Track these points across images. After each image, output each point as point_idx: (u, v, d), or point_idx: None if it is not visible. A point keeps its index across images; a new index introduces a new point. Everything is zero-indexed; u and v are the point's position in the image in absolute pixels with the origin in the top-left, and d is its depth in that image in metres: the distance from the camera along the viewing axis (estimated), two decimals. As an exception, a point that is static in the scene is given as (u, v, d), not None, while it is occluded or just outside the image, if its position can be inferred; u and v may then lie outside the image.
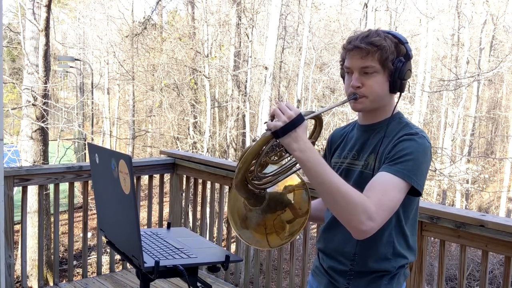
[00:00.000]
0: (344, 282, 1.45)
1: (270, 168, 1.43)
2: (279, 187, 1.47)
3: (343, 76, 1.49)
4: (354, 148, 1.50)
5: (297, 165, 1.40)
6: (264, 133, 1.28)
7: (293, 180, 1.50)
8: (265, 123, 1.29)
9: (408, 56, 1.41)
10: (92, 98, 16.22)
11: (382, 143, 1.41)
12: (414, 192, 1.35)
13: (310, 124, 1.41)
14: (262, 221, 1.46)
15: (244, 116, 14.11)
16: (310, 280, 1.63)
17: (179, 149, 13.31)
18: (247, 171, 1.32)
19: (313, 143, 1.41)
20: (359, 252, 1.41)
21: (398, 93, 1.45)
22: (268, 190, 1.43)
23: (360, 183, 1.38)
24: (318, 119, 1.44)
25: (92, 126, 15.14)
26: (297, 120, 1.24)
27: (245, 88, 14.16)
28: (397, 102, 1.48)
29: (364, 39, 1.38)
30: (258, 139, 1.28)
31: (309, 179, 1.27)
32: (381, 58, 1.37)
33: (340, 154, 1.55)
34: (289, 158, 1.41)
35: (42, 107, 8.16)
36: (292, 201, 1.47)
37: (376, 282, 1.43)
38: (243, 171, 1.30)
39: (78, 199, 13.47)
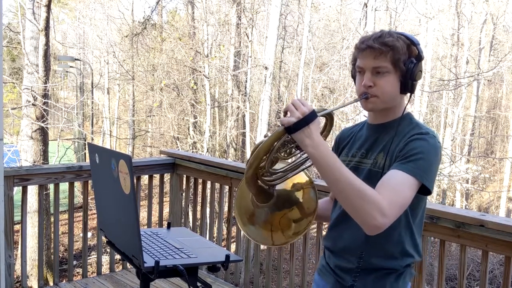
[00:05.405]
0: (350, 280, 1.45)
1: (280, 165, 1.43)
2: (287, 185, 1.48)
3: (353, 76, 1.50)
4: (363, 147, 1.50)
5: (308, 162, 1.40)
6: (277, 128, 1.28)
7: (301, 178, 1.51)
8: (278, 118, 1.29)
9: (419, 57, 1.42)
10: (92, 98, 16.20)
11: (392, 142, 1.41)
12: (423, 191, 1.36)
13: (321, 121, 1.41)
14: (269, 218, 1.47)
15: (244, 116, 14.10)
16: (317, 279, 1.63)
17: (179, 149, 13.31)
18: (258, 167, 1.32)
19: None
20: (366, 250, 1.41)
21: (409, 94, 1.45)
22: (277, 187, 1.44)
23: (369, 181, 1.37)
24: (330, 117, 1.45)
25: (92, 126, 15.12)
26: (310, 116, 1.25)
27: (245, 88, 14.16)
28: (407, 103, 1.48)
29: (377, 39, 1.39)
30: (270, 134, 1.28)
31: (322, 176, 1.27)
32: (393, 58, 1.39)
33: (348, 152, 1.55)
34: (299, 155, 1.41)
35: (42, 107, 8.16)
36: (300, 200, 1.48)
37: (383, 280, 1.44)
38: (255, 166, 1.31)
39: (78, 199, 13.46)
